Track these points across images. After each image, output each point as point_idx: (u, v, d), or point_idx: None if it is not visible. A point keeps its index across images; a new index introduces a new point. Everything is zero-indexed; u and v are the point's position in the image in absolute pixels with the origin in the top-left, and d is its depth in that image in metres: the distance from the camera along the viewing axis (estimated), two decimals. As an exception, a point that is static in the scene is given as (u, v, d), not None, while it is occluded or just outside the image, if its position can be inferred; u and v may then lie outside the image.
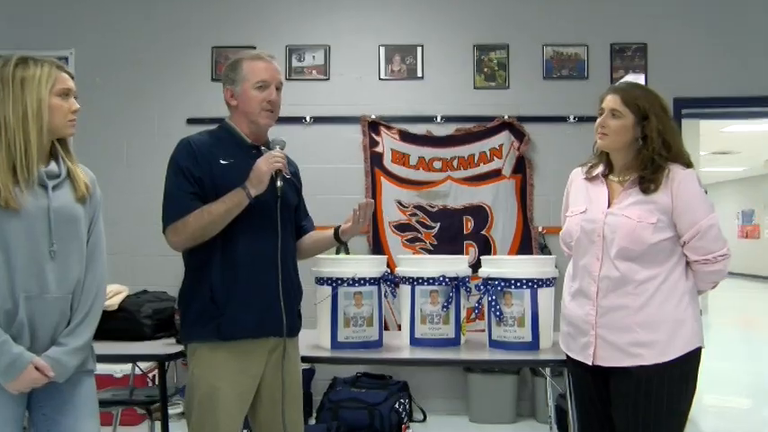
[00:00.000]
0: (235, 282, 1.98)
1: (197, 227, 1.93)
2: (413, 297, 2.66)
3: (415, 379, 4.20)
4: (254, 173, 1.98)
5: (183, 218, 1.94)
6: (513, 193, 4.32)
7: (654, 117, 1.97)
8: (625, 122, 2.00)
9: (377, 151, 4.36)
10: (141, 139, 4.39)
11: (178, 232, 1.95)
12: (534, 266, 2.58)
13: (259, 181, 1.98)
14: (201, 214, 1.94)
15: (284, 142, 2.11)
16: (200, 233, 1.94)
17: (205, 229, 1.94)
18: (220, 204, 1.94)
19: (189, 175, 1.98)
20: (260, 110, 2.07)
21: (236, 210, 1.96)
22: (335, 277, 2.56)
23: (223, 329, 1.97)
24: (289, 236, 2.13)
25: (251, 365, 2.02)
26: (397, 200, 4.33)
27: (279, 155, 2.04)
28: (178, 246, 1.98)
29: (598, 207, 2.06)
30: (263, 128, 2.10)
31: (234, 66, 2.10)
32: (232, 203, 1.95)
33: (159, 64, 4.42)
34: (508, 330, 2.53)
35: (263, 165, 1.99)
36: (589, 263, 2.03)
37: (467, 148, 4.34)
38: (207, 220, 1.93)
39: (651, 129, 1.97)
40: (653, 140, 1.97)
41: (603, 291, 2.00)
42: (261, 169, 1.99)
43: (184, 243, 1.96)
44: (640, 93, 2.02)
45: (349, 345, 2.56)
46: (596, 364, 2.02)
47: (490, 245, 4.30)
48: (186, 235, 1.94)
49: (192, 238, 1.95)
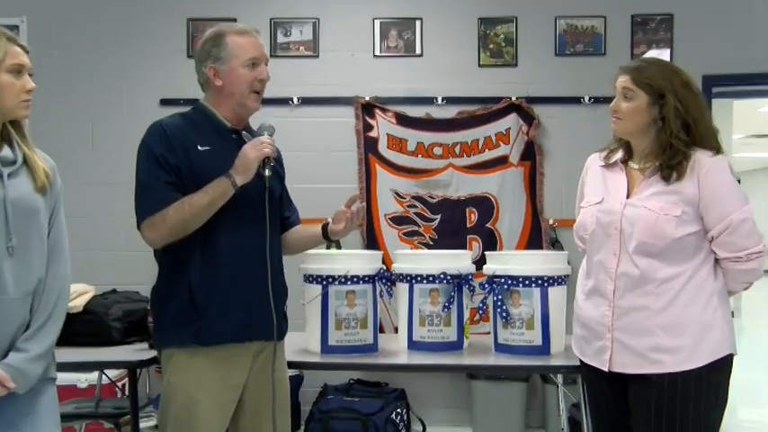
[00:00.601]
0: (216, 281, 1.97)
1: (177, 220, 1.92)
2: (411, 296, 2.65)
3: (413, 386, 4.20)
4: (241, 160, 1.97)
5: (162, 211, 1.92)
6: (521, 183, 4.31)
7: (671, 96, 1.96)
8: (638, 104, 1.99)
9: (371, 136, 4.35)
10: (108, 121, 4.35)
11: (156, 227, 1.93)
12: (544, 262, 2.58)
13: (246, 169, 1.97)
14: (182, 206, 1.92)
15: (273, 128, 2.10)
16: (181, 227, 1.93)
17: (187, 222, 1.92)
18: (203, 195, 1.93)
19: (164, 162, 1.96)
20: (249, 91, 2.05)
21: (220, 201, 1.95)
22: (326, 275, 2.55)
23: (203, 334, 1.96)
24: (275, 230, 2.12)
25: (233, 373, 2.02)
26: (394, 190, 4.32)
27: (268, 141, 2.02)
28: (156, 242, 1.96)
29: (616, 197, 2.05)
30: (250, 111, 2.09)
31: (217, 40, 2.07)
32: (216, 194, 1.93)
33: (127, 36, 4.38)
34: (516, 333, 2.53)
35: (250, 151, 1.98)
36: (605, 258, 2.03)
37: (470, 133, 4.32)
38: (188, 212, 1.92)
39: (668, 109, 1.96)
40: (670, 122, 1.96)
41: (621, 289, 1.99)
42: (248, 156, 1.97)
43: (163, 239, 1.95)
44: (655, 69, 2.00)
45: (341, 349, 2.56)
46: (613, 370, 2.01)
47: (496, 239, 4.29)
48: (165, 230, 1.93)
49: (172, 234, 1.93)
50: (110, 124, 4.35)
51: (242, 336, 2.01)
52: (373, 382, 4.10)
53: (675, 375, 1.91)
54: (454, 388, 4.28)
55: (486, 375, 4.06)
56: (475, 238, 4.30)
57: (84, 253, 4.09)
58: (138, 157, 2.01)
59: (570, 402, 3.52)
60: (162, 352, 2.05)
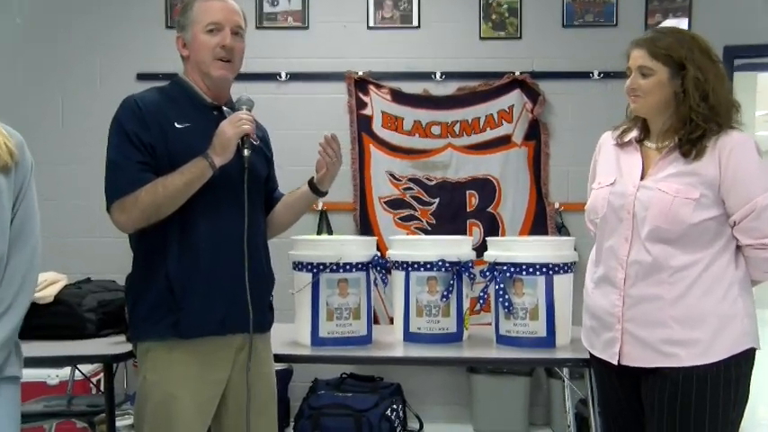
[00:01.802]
0: (195, 269, 1.96)
1: (150, 203, 1.90)
2: (407, 285, 2.65)
3: (409, 381, 4.21)
4: (218, 138, 1.95)
5: (133, 192, 1.90)
6: (524, 164, 4.31)
7: (691, 65, 1.94)
8: (658, 79, 1.97)
9: (365, 114, 4.33)
10: (80, 96, 4.32)
11: (126, 210, 1.91)
12: (549, 249, 2.58)
13: (224, 148, 1.95)
14: (155, 188, 1.90)
15: (252, 102, 2.08)
16: (154, 211, 1.91)
17: (160, 206, 1.91)
18: (178, 176, 1.91)
19: (137, 141, 1.94)
20: (212, 58, 2.03)
21: (197, 183, 1.93)
22: (316, 262, 2.55)
23: (182, 326, 1.95)
24: (258, 214, 2.11)
25: (215, 368, 2.01)
26: (389, 171, 4.31)
27: (246, 117, 2.00)
28: (127, 226, 1.95)
29: (629, 178, 2.04)
30: (217, 81, 2.06)
31: (186, 8, 2.07)
32: (192, 175, 1.92)
33: (101, 4, 4.33)
34: (519, 324, 2.53)
35: (228, 129, 1.96)
36: (616, 244, 2.02)
37: (471, 111, 4.31)
38: (162, 195, 1.90)
39: (689, 80, 1.94)
40: (690, 94, 1.94)
41: (632, 278, 1.99)
42: (226, 134, 1.96)
43: (134, 223, 1.93)
44: (671, 39, 1.97)
45: (332, 341, 2.55)
46: (623, 363, 2.01)
47: (498, 224, 4.29)
48: (136, 213, 1.91)
49: (144, 217, 1.92)
50: (82, 99, 4.31)
51: (224, 328, 2.00)
52: (367, 377, 4.11)
53: (691, 370, 1.91)
54: (453, 383, 4.29)
55: (488, 369, 4.07)
56: (475, 222, 4.29)
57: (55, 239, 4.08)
58: (109, 134, 1.98)
59: (577, 398, 3.53)
60: (138, 346, 2.03)
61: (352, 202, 4.31)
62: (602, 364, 2.09)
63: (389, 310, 4.00)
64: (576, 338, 2.39)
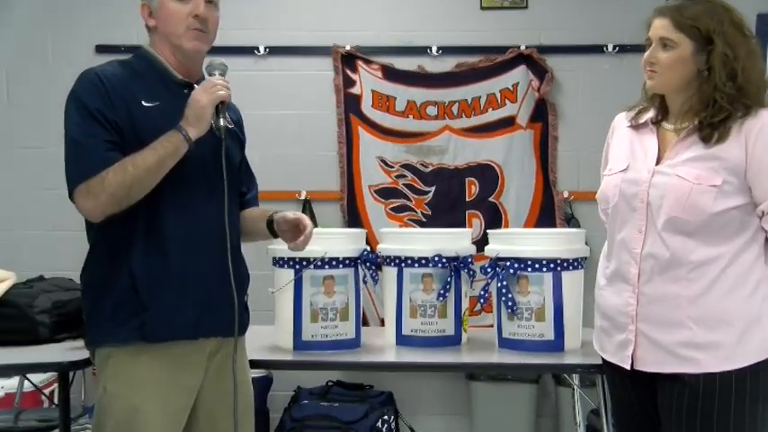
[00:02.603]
0: (164, 265, 1.95)
1: (119, 184, 1.88)
2: (400, 283, 2.66)
3: (402, 389, 4.22)
4: (192, 108, 1.94)
5: (100, 174, 1.89)
6: (530, 148, 4.31)
7: (720, 40, 1.93)
8: (680, 53, 1.97)
9: (353, 93, 4.32)
10: (30, 69, 4.28)
11: (93, 194, 1.89)
12: (558, 243, 2.59)
13: (198, 118, 1.93)
14: (124, 168, 1.88)
15: (225, 66, 2.06)
16: (125, 194, 1.89)
17: (131, 187, 1.89)
18: (150, 153, 1.89)
19: (102, 118, 1.92)
20: (183, 29, 2.01)
21: (170, 160, 1.92)
22: (299, 257, 2.54)
23: (148, 328, 1.95)
24: (234, 204, 2.11)
25: (185, 376, 2.01)
26: (380, 157, 4.30)
27: (221, 82, 1.99)
28: (94, 213, 1.92)
29: (643, 164, 2.04)
30: (189, 55, 2.05)
31: None
32: (165, 151, 1.90)
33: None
34: (523, 326, 2.54)
35: (201, 95, 1.95)
36: (629, 237, 2.03)
37: (471, 89, 4.31)
38: (132, 175, 1.88)
39: (716, 56, 1.93)
40: (716, 72, 1.93)
41: (647, 273, 1.99)
42: (199, 102, 1.94)
43: (103, 208, 1.91)
44: (699, 8, 1.96)
45: (317, 345, 2.56)
46: (636, 368, 2.02)
47: (500, 215, 4.30)
48: (105, 197, 1.89)
49: (114, 201, 1.90)
50: (31, 75, 4.28)
51: (196, 331, 2.00)
52: (355, 385, 4.11)
53: (713, 376, 1.91)
54: (451, 391, 4.30)
55: (489, 376, 4.09)
56: (476, 213, 4.30)
57: (3, 233, 4.06)
58: (66, 112, 1.96)
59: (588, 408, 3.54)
60: (97, 352, 2.01)
61: (339, 190, 4.30)
62: (614, 368, 2.10)
63: (380, 311, 4.00)
64: (588, 341, 2.40)
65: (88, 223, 2.00)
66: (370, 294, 4.04)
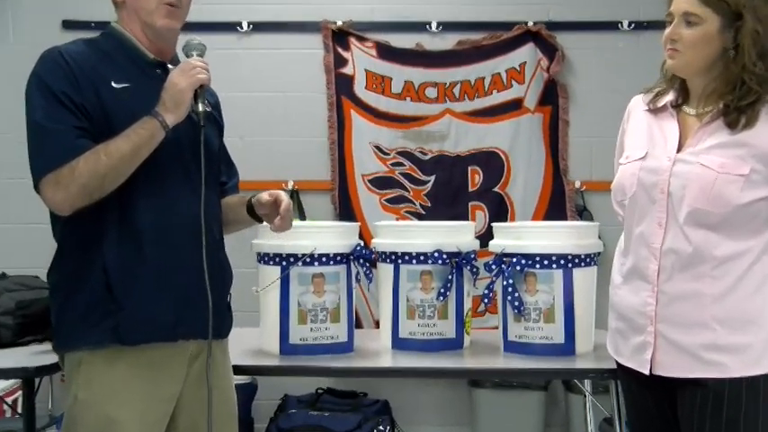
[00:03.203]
0: (139, 260, 1.95)
1: (91, 175, 1.88)
2: (396, 281, 2.66)
3: (399, 397, 4.23)
4: (169, 91, 1.94)
5: (69, 163, 1.88)
6: (539, 134, 4.31)
7: (750, 15, 1.93)
8: (706, 30, 1.97)
9: (345, 73, 4.31)
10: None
11: (63, 185, 1.89)
12: (569, 237, 2.59)
13: (176, 103, 1.94)
14: (97, 156, 1.88)
15: (204, 46, 2.06)
16: (97, 184, 1.89)
17: (104, 177, 1.89)
18: (123, 140, 1.89)
19: (69, 102, 1.92)
20: (156, 4, 2.01)
21: (146, 147, 1.92)
22: (286, 253, 2.55)
23: (124, 330, 1.94)
24: (212, 193, 2.11)
25: (164, 382, 2.01)
26: (374, 143, 4.30)
27: (201, 64, 1.99)
28: (63, 205, 1.92)
29: (663, 151, 2.04)
30: (161, 32, 2.05)
31: None
32: (140, 138, 1.90)
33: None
34: (531, 328, 2.55)
35: (179, 78, 1.95)
36: (648, 231, 2.03)
37: (474, 69, 4.31)
38: (105, 164, 1.88)
39: (745, 33, 1.93)
40: (744, 51, 1.93)
41: (668, 270, 2.00)
42: (177, 85, 1.94)
43: (73, 200, 1.91)
44: None
45: (305, 349, 2.56)
46: (656, 373, 2.03)
47: (506, 207, 4.30)
48: (76, 188, 1.88)
49: (86, 193, 1.90)
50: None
51: (174, 333, 2.00)
52: (348, 392, 4.12)
53: (739, 382, 1.92)
54: (452, 399, 4.31)
55: (494, 382, 4.09)
56: (479, 205, 4.30)
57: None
58: (29, 95, 1.95)
59: (601, 417, 3.56)
60: (67, 356, 2.01)
61: (330, 180, 4.30)
62: (631, 373, 2.10)
63: (375, 312, 4.00)
64: (601, 344, 2.41)
65: (54, 217, 2.00)
66: (364, 294, 4.04)
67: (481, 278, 2.73)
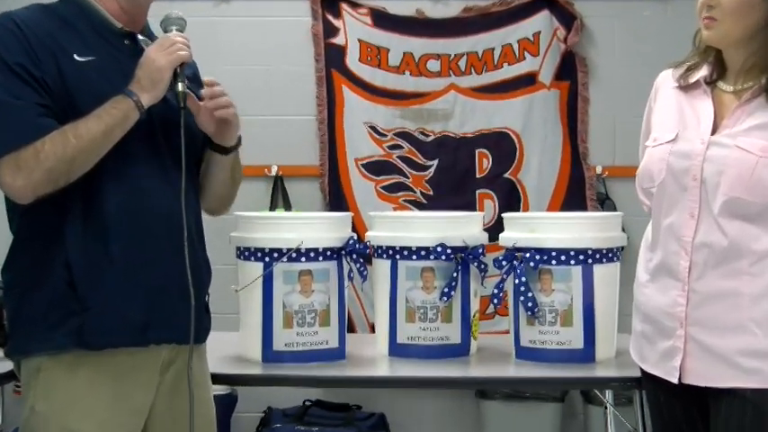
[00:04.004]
0: (105, 255, 1.95)
1: (58, 158, 1.87)
2: (394, 279, 2.67)
3: (397, 410, 4.24)
4: (146, 69, 1.94)
5: (33, 144, 1.87)
6: (555, 112, 4.32)
7: None
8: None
9: (336, 44, 4.31)
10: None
11: (24, 169, 1.87)
12: (589, 229, 2.60)
13: (154, 82, 1.94)
14: (64, 138, 1.88)
15: (184, 20, 2.07)
16: (64, 170, 1.89)
17: (72, 162, 1.89)
18: (94, 121, 1.89)
19: (27, 75, 1.91)
20: None
21: (119, 130, 1.92)
22: (269, 247, 2.55)
23: (88, 332, 1.94)
24: (193, 182, 2.11)
25: (133, 392, 2.01)
26: (370, 123, 4.30)
27: (181, 40, 2.00)
28: (24, 192, 1.91)
29: (696, 132, 2.04)
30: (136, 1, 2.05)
31: None
32: (113, 119, 1.90)
33: None
34: (546, 332, 2.56)
35: (159, 55, 1.96)
36: (678, 222, 2.03)
37: (482, 39, 4.32)
38: (74, 147, 1.88)
39: None
40: None
41: (700, 267, 2.00)
42: (156, 62, 1.95)
43: (35, 187, 1.90)
44: None
45: (291, 356, 2.57)
46: (686, 382, 2.04)
47: (518, 195, 4.31)
48: (39, 173, 1.88)
49: (50, 180, 1.89)
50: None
51: (145, 336, 2.00)
52: (339, 405, 4.13)
53: None
54: (457, 412, 4.32)
55: (504, 393, 4.10)
56: (488, 193, 4.31)
57: None
58: None
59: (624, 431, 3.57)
60: (23, 363, 2.01)
61: (319, 165, 4.30)
62: (657, 382, 2.11)
63: (370, 314, 4.00)
64: (624, 350, 2.41)
65: (11, 205, 2.00)
66: (357, 294, 4.05)
67: (490, 276, 2.73)
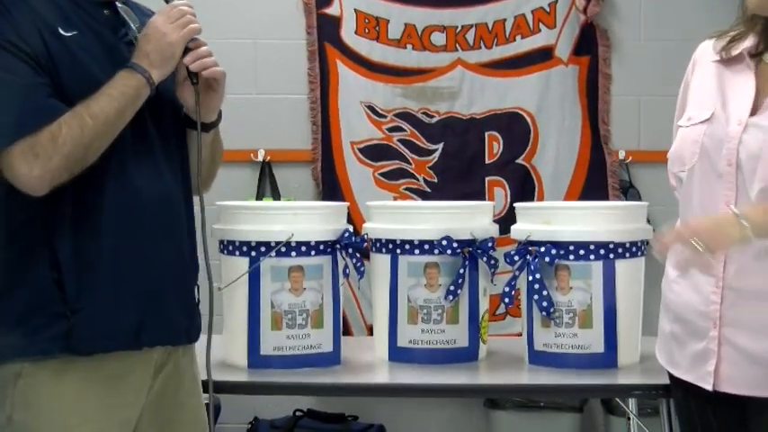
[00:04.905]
0: (97, 252, 1.97)
1: (76, 143, 1.88)
2: (394, 276, 2.67)
3: (397, 421, 4.25)
4: (154, 43, 1.95)
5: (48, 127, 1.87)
6: (574, 91, 4.32)
7: None
8: None
9: (329, 14, 4.31)
10: None
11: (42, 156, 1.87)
12: (611, 220, 2.61)
13: (164, 58, 1.95)
14: (81, 120, 1.88)
15: None
16: (81, 155, 1.90)
17: (88, 147, 1.90)
18: (106, 101, 1.90)
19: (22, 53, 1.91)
20: None
21: (130, 110, 1.94)
22: (255, 241, 2.56)
23: (78, 337, 1.95)
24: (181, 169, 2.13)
25: (125, 399, 2.03)
26: (367, 102, 4.31)
27: (189, 9, 2.00)
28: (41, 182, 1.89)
29: (734, 111, 2.04)
30: None
31: None
32: (126, 98, 1.92)
33: None
34: (563, 334, 2.56)
35: (168, 27, 1.96)
36: (712, 211, 2.03)
37: (492, 10, 4.32)
38: (92, 129, 1.88)
39: None
40: None
41: (736, 262, 2.01)
42: (167, 36, 1.95)
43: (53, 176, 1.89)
44: None
45: (281, 361, 2.58)
46: (721, 390, 2.04)
47: (533, 183, 4.32)
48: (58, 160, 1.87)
49: (68, 166, 1.89)
50: None
51: (138, 339, 2.01)
52: (334, 415, 4.14)
53: None
54: (464, 423, 4.33)
55: (516, 402, 4.11)
56: (499, 180, 4.31)
57: None
58: None
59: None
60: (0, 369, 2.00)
61: (311, 149, 4.30)
62: (689, 389, 2.12)
63: (367, 315, 4.01)
64: (649, 355, 2.41)
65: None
66: (354, 292, 4.05)
67: (501, 272, 2.73)
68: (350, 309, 4.08)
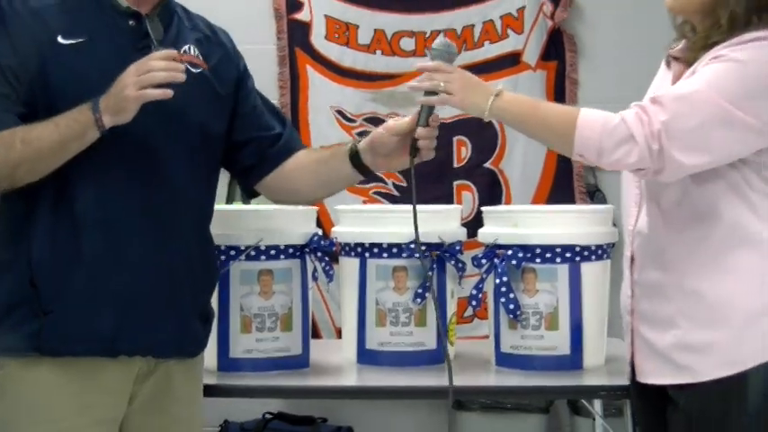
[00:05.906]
0: (74, 254, 1.97)
1: (3, 162, 1.89)
2: (363, 279, 2.69)
3: (366, 423, 4.25)
4: (115, 90, 1.88)
5: None
6: (541, 96, 4.32)
7: None
8: None
9: (299, 20, 4.31)
10: None
11: None
12: (577, 224, 2.63)
13: (119, 108, 1.88)
14: (11, 141, 1.89)
15: None
16: (5, 174, 1.91)
17: (16, 168, 1.90)
18: (50, 130, 1.89)
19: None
20: None
21: (75, 145, 1.91)
22: (225, 245, 2.56)
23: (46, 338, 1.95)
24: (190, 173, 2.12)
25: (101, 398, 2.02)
26: (337, 107, 4.31)
27: (157, 63, 1.89)
28: None
29: None
30: None
31: None
32: (70, 132, 1.90)
33: None
34: (530, 336, 2.58)
35: (130, 79, 1.87)
36: (627, 210, 2.15)
37: (460, 15, 4.33)
38: (20, 153, 1.89)
39: None
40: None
41: (639, 257, 2.09)
42: (126, 90, 1.86)
43: None
44: None
45: (250, 363, 2.59)
46: (640, 381, 2.10)
47: (501, 186, 4.33)
48: None
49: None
50: None
51: (113, 347, 2.00)
52: (303, 418, 4.13)
53: (707, 387, 1.95)
54: (432, 425, 4.33)
55: (483, 404, 4.12)
56: (466, 184, 4.32)
57: None
58: None
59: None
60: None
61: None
62: (639, 389, 2.16)
63: (336, 318, 4.01)
64: (614, 356, 2.44)
65: None
66: (323, 295, 4.05)
67: (468, 275, 2.75)
68: (319, 312, 4.08)
